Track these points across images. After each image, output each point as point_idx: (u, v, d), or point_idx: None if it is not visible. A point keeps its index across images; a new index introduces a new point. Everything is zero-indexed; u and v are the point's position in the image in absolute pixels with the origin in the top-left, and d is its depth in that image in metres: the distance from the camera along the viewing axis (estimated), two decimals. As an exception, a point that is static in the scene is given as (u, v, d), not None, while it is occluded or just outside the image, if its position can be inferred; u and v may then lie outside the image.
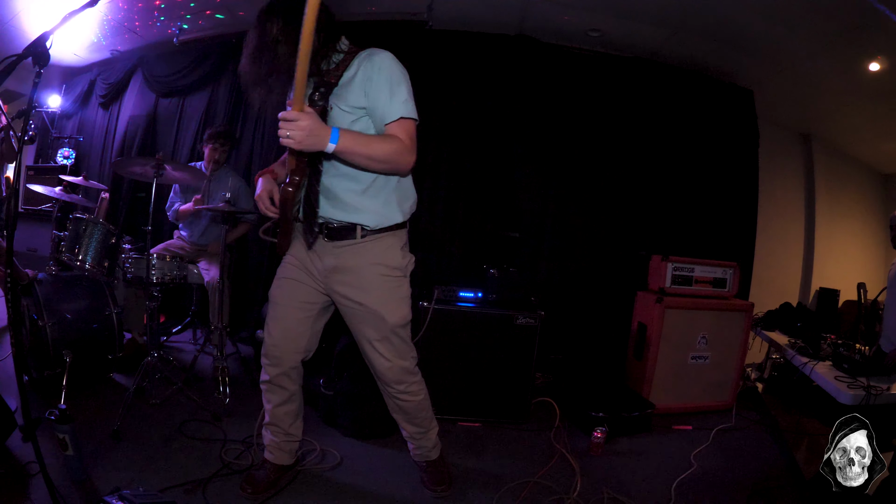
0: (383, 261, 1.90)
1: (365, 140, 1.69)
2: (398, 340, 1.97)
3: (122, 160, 3.07)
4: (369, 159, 1.70)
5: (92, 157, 5.48)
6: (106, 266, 3.06)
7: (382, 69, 1.72)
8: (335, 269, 1.91)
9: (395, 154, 1.71)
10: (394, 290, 1.94)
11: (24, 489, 1.93)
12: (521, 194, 4.16)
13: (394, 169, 1.79)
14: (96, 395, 2.82)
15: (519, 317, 2.92)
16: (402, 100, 1.73)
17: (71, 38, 4.97)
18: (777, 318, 3.93)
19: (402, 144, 1.72)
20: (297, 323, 2.00)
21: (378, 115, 1.74)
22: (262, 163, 4.40)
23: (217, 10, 4.25)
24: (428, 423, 2.19)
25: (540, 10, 3.79)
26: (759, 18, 3.45)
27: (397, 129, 1.73)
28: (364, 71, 1.73)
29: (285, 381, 2.04)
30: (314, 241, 1.91)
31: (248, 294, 4.24)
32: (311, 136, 1.56)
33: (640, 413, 3.05)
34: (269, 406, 2.09)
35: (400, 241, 1.95)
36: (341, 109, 1.75)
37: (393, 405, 2.13)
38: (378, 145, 1.70)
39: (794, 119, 5.07)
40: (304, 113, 1.56)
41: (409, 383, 2.05)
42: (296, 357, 2.02)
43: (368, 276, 1.90)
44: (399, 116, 1.73)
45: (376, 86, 1.72)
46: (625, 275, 4.00)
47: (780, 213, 5.06)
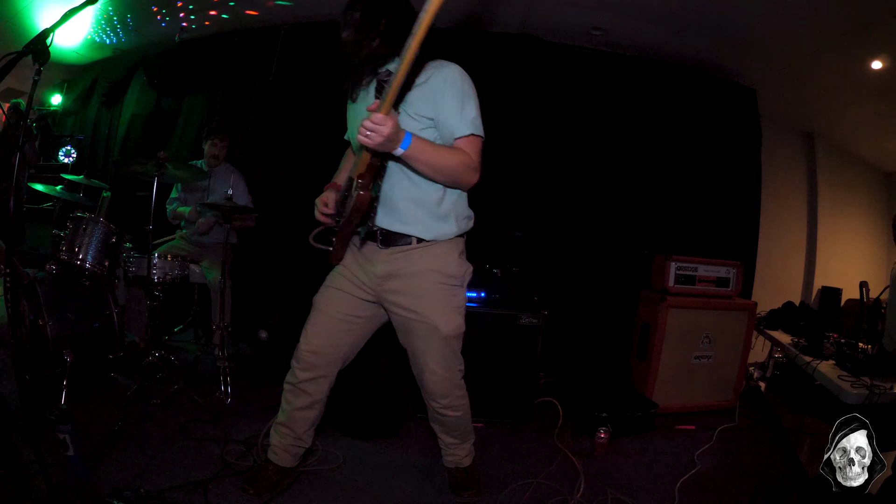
0: (439, 267, 1.86)
1: (434, 149, 1.69)
2: (449, 352, 1.92)
3: (123, 159, 3.08)
4: (434, 169, 1.69)
5: (93, 156, 5.49)
6: (106, 265, 3.05)
7: (455, 83, 1.73)
8: (388, 275, 1.86)
9: (460, 168, 1.72)
10: (448, 298, 1.89)
11: (25, 489, 1.91)
12: (524, 193, 4.15)
13: (456, 183, 1.79)
14: (97, 394, 2.80)
15: (522, 316, 2.91)
16: (471, 116, 1.73)
17: (72, 37, 4.98)
18: (780, 317, 3.94)
19: (469, 160, 1.72)
20: (338, 335, 1.96)
21: (448, 129, 1.74)
22: (265, 162, 4.40)
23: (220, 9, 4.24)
24: (465, 435, 2.16)
25: (542, 9, 3.78)
26: (763, 17, 3.44)
27: (466, 145, 1.73)
28: (435, 82, 1.73)
29: (312, 388, 2.00)
30: (365, 243, 1.87)
31: (250, 293, 4.20)
32: (389, 140, 1.55)
33: (643, 413, 3.04)
34: (287, 407, 2.04)
35: (457, 248, 1.92)
36: (409, 116, 1.74)
37: (434, 416, 2.09)
38: (446, 156, 1.70)
39: (797, 117, 5.07)
40: (390, 117, 1.53)
41: (453, 397, 2.00)
42: (332, 367, 1.99)
43: (423, 283, 1.85)
44: (469, 133, 1.73)
45: (448, 100, 1.72)
46: (628, 274, 3.99)
47: (782, 211, 5.06)
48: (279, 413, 2.08)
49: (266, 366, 3.24)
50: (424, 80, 1.74)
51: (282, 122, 4.34)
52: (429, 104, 1.74)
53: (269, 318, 3.30)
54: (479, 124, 1.75)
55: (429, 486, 2.27)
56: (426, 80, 1.74)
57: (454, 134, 1.73)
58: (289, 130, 4.26)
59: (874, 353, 3.14)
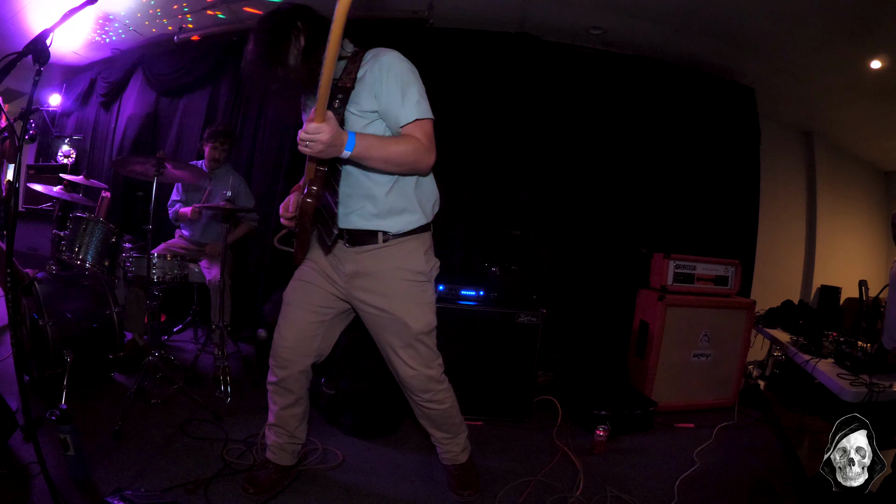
0: (406, 265, 1.86)
1: (381, 143, 1.67)
2: (423, 348, 1.93)
3: (122, 158, 3.07)
4: (386, 162, 1.68)
5: (92, 156, 5.49)
6: (106, 265, 3.06)
7: (391, 70, 1.69)
8: (356, 274, 1.87)
9: (412, 154, 1.69)
10: (417, 295, 1.89)
11: (26, 489, 1.92)
12: (522, 192, 4.16)
13: (413, 169, 1.77)
14: (97, 394, 2.81)
15: (521, 315, 2.91)
16: (414, 101, 1.69)
17: (71, 37, 4.97)
18: (779, 315, 3.93)
19: (419, 144, 1.69)
20: (309, 326, 1.96)
21: (392, 118, 1.72)
22: (262, 161, 4.41)
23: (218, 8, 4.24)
24: (456, 428, 2.15)
25: (541, 8, 3.78)
26: (761, 16, 3.45)
27: (414, 131, 1.70)
28: (372, 73, 1.70)
29: (293, 384, 2.01)
30: (332, 247, 1.87)
31: (250, 293, 4.24)
32: (330, 145, 1.55)
33: (642, 411, 3.04)
34: (274, 407, 2.06)
35: (423, 244, 1.91)
36: (353, 114, 1.72)
37: (419, 412, 2.10)
38: (394, 147, 1.68)
39: (796, 117, 5.07)
40: (326, 123, 1.53)
41: (435, 391, 2.00)
42: (305, 361, 1.99)
43: (391, 282, 1.86)
44: (414, 118, 1.70)
45: (387, 88, 1.69)
46: (627, 272, 4.00)
47: (781, 210, 5.07)
48: (269, 414, 2.09)
49: (265, 365, 3.19)
50: (363, 74, 1.71)
51: (280, 123, 4.34)
52: (370, 97, 1.71)
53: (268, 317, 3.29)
54: (424, 107, 1.71)
55: (428, 485, 2.27)
56: (364, 73, 1.71)
57: (399, 122, 1.70)
58: (287, 130, 4.26)
59: (873, 352, 3.13)
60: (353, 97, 1.72)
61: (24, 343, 2.88)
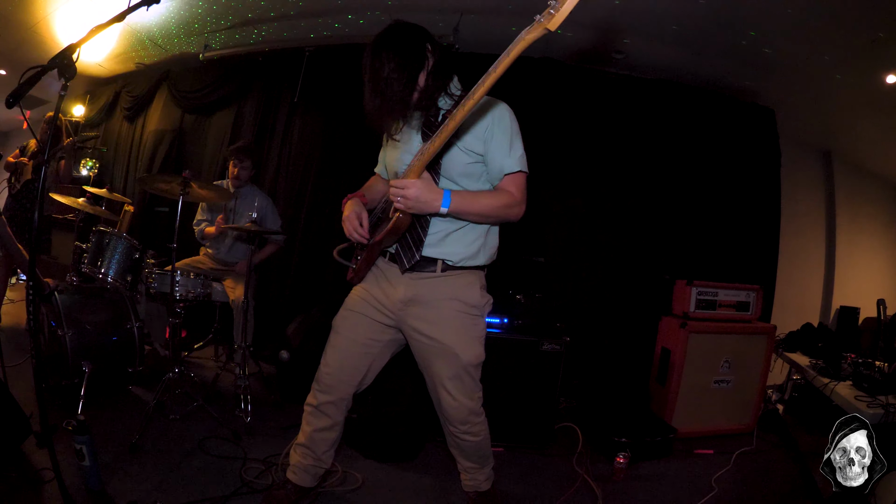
0: (461, 297, 1.87)
1: (474, 199, 1.75)
2: (469, 379, 1.92)
3: (148, 176, 3.10)
4: (480, 216, 1.78)
5: (115, 169, 5.55)
6: (129, 280, 3.07)
7: (504, 121, 1.78)
8: (411, 301, 1.87)
9: (504, 209, 1.78)
10: (470, 327, 1.90)
11: (37, 495, 1.92)
12: (546, 218, 4.15)
13: (503, 221, 1.86)
14: (114, 406, 2.81)
15: (545, 343, 2.90)
16: (519, 154, 1.78)
17: (96, 49, 5.05)
18: (798, 339, 3.89)
19: (511, 198, 1.77)
20: (355, 358, 1.95)
21: (496, 166, 1.79)
22: (288, 182, 4.42)
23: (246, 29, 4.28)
24: (484, 460, 2.14)
25: (564, 33, 3.79)
26: (779, 36, 3.44)
27: (512, 183, 1.79)
28: (484, 119, 1.77)
29: (331, 410, 1.99)
30: (410, 271, 1.86)
31: (272, 313, 4.22)
32: (420, 202, 1.63)
33: (662, 438, 3.01)
34: (308, 428, 2.03)
35: (479, 280, 1.93)
36: (460, 149, 1.77)
37: (452, 442, 2.08)
38: (487, 202, 1.77)
39: (815, 136, 5.03)
40: (413, 181, 1.62)
41: (472, 423, 1.99)
42: (348, 390, 1.98)
43: (445, 312, 1.86)
44: (517, 170, 1.78)
45: (498, 138, 1.77)
46: (649, 299, 3.96)
47: (801, 232, 5.02)
48: (299, 433, 2.07)
49: (287, 386, 3.22)
50: (473, 116, 1.76)
51: (305, 143, 4.38)
52: (478, 140, 1.78)
53: (292, 338, 3.29)
54: (525, 161, 1.81)
55: (447, 511, 2.25)
56: (475, 116, 1.77)
57: (503, 171, 1.78)
58: (312, 151, 4.29)
59: (890, 372, 3.09)
60: (458, 132, 1.74)
61: (42, 351, 2.89)
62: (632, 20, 3.50)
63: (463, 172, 1.80)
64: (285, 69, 4.48)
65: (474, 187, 1.83)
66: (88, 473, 2.00)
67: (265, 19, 4.11)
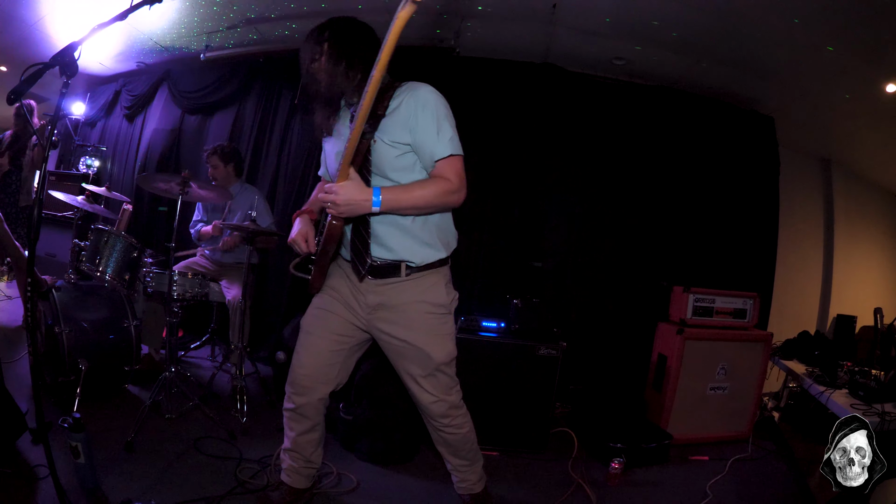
0: (428, 298, 1.87)
1: (406, 192, 1.70)
2: (443, 377, 1.94)
3: (147, 175, 3.09)
4: (416, 208, 1.73)
5: (114, 168, 5.54)
6: (127, 279, 3.06)
7: (428, 105, 1.71)
8: (379, 306, 1.88)
9: (441, 196, 1.72)
10: (438, 327, 1.91)
11: (31, 492, 1.92)
12: (545, 223, 4.14)
13: (443, 209, 1.82)
14: (110, 405, 2.81)
15: (541, 348, 2.90)
16: (448, 137, 1.72)
17: (97, 47, 5.04)
18: (795, 346, 3.89)
19: (447, 184, 1.72)
20: (328, 355, 1.96)
21: (426, 152, 1.73)
22: (287, 182, 4.41)
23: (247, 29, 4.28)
24: (473, 455, 2.15)
25: (566, 39, 3.79)
26: (780, 43, 3.44)
27: (446, 167, 1.73)
28: (407, 106, 1.71)
29: (310, 411, 2.00)
30: (366, 276, 1.86)
31: (269, 314, 4.23)
32: (350, 205, 1.63)
33: (657, 444, 3.01)
34: (291, 433, 2.05)
35: (444, 278, 1.93)
36: (385, 143, 1.73)
37: (437, 437, 2.10)
38: (421, 192, 1.71)
39: (814, 144, 5.05)
40: (340, 185, 1.61)
41: (453, 416, 2.01)
42: (324, 388, 1.98)
43: (413, 314, 1.87)
44: (448, 154, 1.72)
45: (423, 123, 1.70)
46: (645, 305, 3.96)
47: (799, 240, 5.02)
48: (285, 439, 2.08)
49: (283, 387, 3.18)
50: (397, 106, 1.72)
51: (304, 145, 4.37)
52: (404, 130, 1.72)
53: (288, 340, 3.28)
54: (457, 143, 1.74)
55: (442, 514, 2.25)
56: (398, 104, 1.72)
57: (434, 156, 1.72)
58: (311, 151, 4.29)
59: (887, 380, 3.09)
60: (383, 125, 1.73)
61: (39, 347, 2.89)
62: (633, 27, 3.51)
63: (394, 167, 1.75)
64: (285, 70, 4.47)
65: (410, 180, 1.77)
66: (83, 471, 1.99)
67: (266, 20, 4.10)
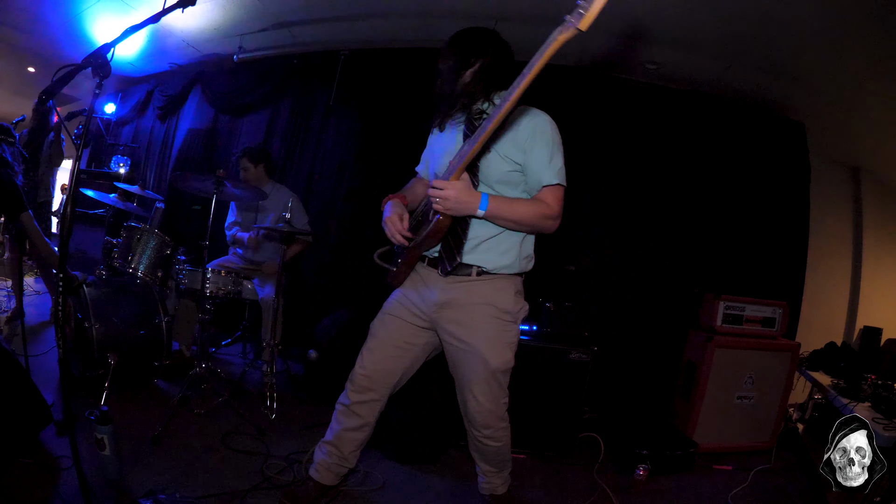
0: (495, 301, 1.87)
1: (511, 205, 1.76)
2: (496, 385, 1.92)
3: (182, 174, 3.12)
4: (515, 223, 1.78)
5: (147, 167, 5.62)
6: (159, 276, 3.11)
7: (546, 133, 1.78)
8: (445, 304, 1.88)
9: (540, 219, 1.79)
10: (501, 333, 1.89)
11: (54, 482, 1.93)
12: (578, 226, 4.13)
13: (538, 231, 1.87)
14: (138, 399, 2.82)
15: (572, 352, 2.90)
16: (558, 167, 1.78)
17: (128, 48, 5.11)
18: (822, 358, 3.83)
19: (548, 210, 1.78)
20: (392, 361, 1.98)
21: (535, 177, 1.79)
22: (321, 182, 4.44)
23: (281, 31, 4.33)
24: (503, 464, 2.15)
25: (599, 43, 3.80)
26: (811, 48, 3.40)
27: (550, 194, 1.79)
28: (526, 129, 1.77)
29: (364, 410, 2.01)
30: (451, 273, 1.87)
31: (302, 312, 4.23)
32: (458, 203, 1.68)
33: (682, 452, 2.99)
34: (337, 427, 2.05)
35: (515, 285, 1.93)
36: (498, 155, 1.78)
37: (473, 445, 2.10)
38: (524, 209, 1.77)
39: (844, 151, 4.95)
40: (452, 182, 1.66)
41: (495, 428, 2.00)
42: (383, 391, 2.00)
43: (477, 316, 1.87)
44: (556, 182, 1.78)
45: (539, 148, 1.77)
46: (677, 311, 3.92)
47: (828, 249, 4.93)
48: (328, 431, 2.08)
49: (314, 386, 3.23)
50: (516, 125, 1.78)
51: (340, 146, 4.40)
52: (518, 149, 1.77)
53: (320, 338, 3.30)
54: (564, 174, 1.80)
55: (466, 514, 2.25)
56: (518, 124, 1.78)
57: (542, 182, 1.78)
58: (346, 154, 4.31)
59: (909, 395, 3.02)
60: (500, 139, 1.77)
61: (68, 340, 2.92)
62: (665, 31, 3.50)
63: (501, 180, 1.80)
64: (321, 72, 4.51)
65: (510, 195, 1.82)
66: (108, 463, 2.01)
67: (300, 21, 4.15)
